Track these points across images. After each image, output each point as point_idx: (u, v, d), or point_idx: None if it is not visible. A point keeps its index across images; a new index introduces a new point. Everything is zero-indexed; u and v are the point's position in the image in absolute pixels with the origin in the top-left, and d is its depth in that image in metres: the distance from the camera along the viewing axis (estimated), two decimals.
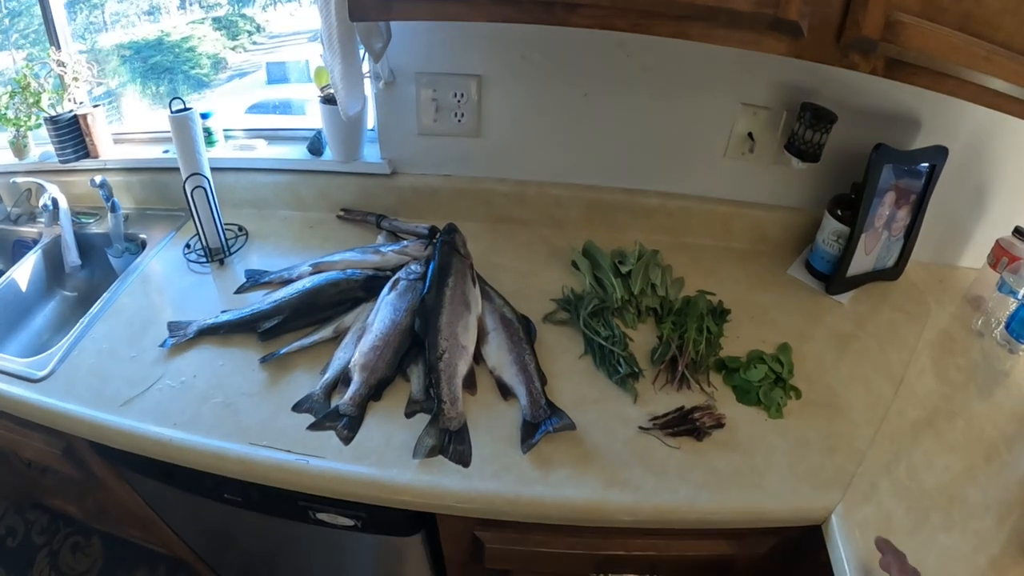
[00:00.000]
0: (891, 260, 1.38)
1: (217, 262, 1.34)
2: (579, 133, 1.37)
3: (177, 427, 0.99)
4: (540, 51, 1.25)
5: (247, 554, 1.47)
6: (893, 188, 1.27)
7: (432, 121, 1.36)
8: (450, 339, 1.08)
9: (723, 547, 1.01)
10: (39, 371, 1.09)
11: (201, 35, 2.22)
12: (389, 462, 0.95)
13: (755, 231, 1.45)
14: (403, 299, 1.16)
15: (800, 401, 1.08)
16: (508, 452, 0.97)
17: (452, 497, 0.92)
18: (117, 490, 1.30)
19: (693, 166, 1.40)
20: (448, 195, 1.46)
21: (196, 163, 1.26)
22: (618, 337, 1.13)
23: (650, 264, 1.30)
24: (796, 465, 0.97)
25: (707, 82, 1.27)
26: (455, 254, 1.20)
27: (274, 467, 0.95)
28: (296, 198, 1.50)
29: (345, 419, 0.99)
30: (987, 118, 1.21)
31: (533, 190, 1.44)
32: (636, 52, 1.24)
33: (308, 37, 2.28)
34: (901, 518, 0.90)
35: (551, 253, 1.41)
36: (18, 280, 1.41)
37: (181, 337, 1.14)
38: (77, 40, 1.53)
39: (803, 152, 1.26)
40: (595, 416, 1.03)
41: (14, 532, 1.93)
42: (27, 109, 1.45)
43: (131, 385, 1.06)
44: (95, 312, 1.21)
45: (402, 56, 1.28)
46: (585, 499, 0.91)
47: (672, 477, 0.94)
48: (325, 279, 1.22)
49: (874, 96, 1.24)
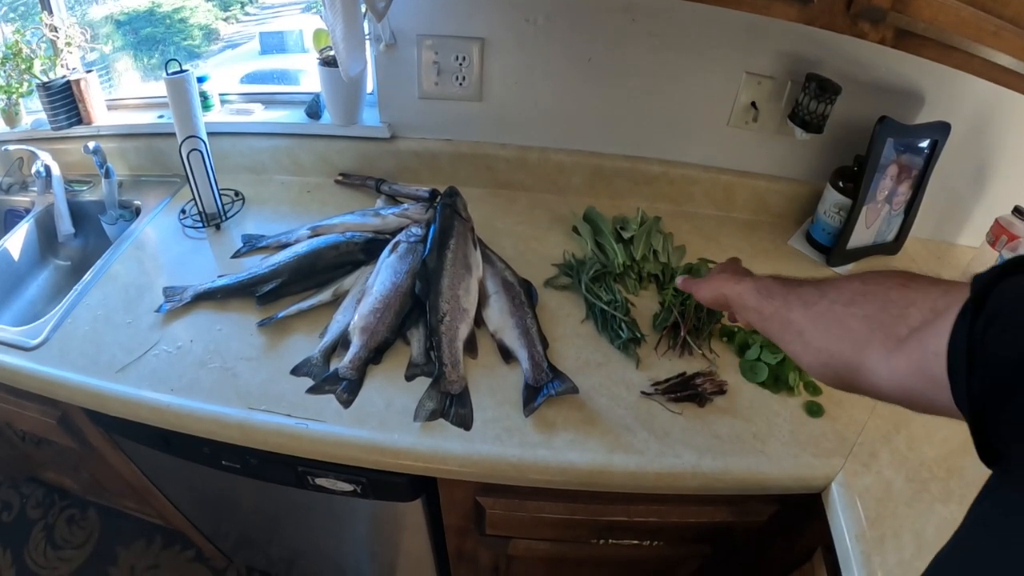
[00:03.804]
0: (891, 234, 1.38)
1: (213, 227, 1.32)
2: (582, 99, 1.35)
3: (174, 392, 0.98)
4: (544, 14, 1.23)
5: (244, 524, 1.47)
6: (895, 162, 1.26)
7: (433, 85, 1.34)
8: (451, 302, 1.07)
9: (723, 514, 1.01)
10: (33, 339, 1.07)
11: (193, 5, 2.18)
12: (390, 426, 0.94)
13: (757, 201, 1.44)
14: (404, 261, 1.14)
15: (801, 370, 1.07)
16: (510, 415, 0.96)
17: (454, 461, 0.91)
18: (113, 460, 1.29)
19: (696, 134, 1.39)
20: (449, 160, 1.45)
21: (192, 126, 1.24)
22: (620, 302, 1.13)
23: (652, 231, 1.30)
24: (797, 433, 0.97)
25: (712, 50, 1.26)
26: (456, 217, 1.18)
27: (273, 432, 0.94)
28: (294, 163, 1.48)
29: (345, 383, 0.99)
30: (990, 96, 1.20)
31: (535, 155, 1.43)
32: (642, 18, 1.22)
33: (301, 8, 2.25)
34: (901, 488, 0.90)
35: (553, 219, 1.40)
36: (10, 250, 1.39)
37: (177, 302, 1.12)
38: (69, 13, 1.50)
39: (807, 123, 1.25)
40: (597, 380, 1.02)
41: (9, 506, 1.92)
42: (19, 75, 1.43)
43: (127, 351, 1.05)
44: (89, 279, 1.19)
45: (404, 17, 1.26)
46: (589, 463, 0.91)
47: (675, 442, 0.94)
48: (324, 242, 1.20)
49: (878, 70, 1.23)
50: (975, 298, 0.43)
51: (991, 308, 0.42)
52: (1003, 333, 0.40)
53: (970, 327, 0.42)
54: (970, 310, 0.43)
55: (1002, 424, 0.40)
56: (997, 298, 0.42)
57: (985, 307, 0.42)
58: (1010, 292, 0.41)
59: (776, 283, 0.74)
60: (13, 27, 1.46)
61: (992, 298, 0.42)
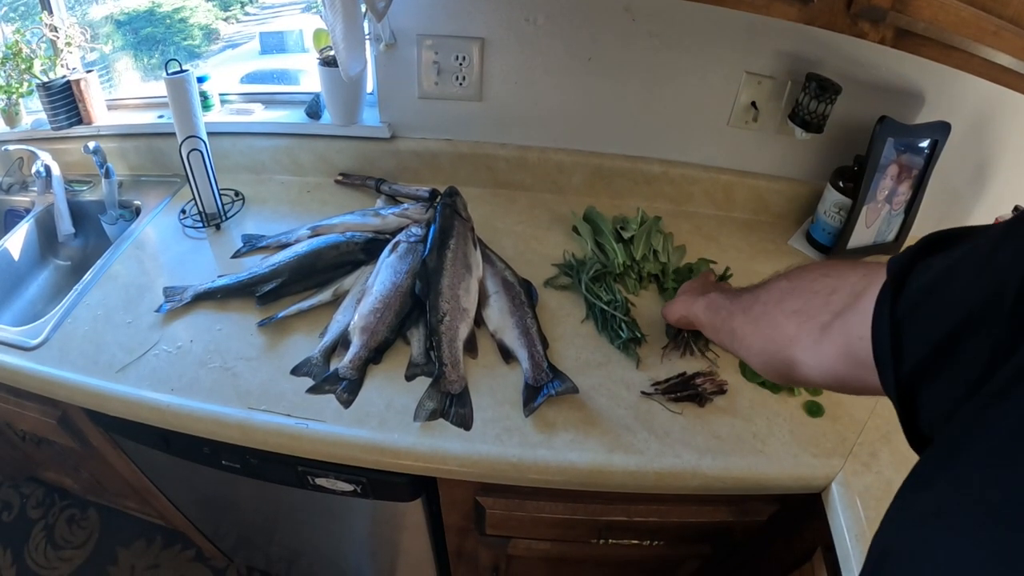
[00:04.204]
0: (891, 234, 1.38)
1: (213, 227, 1.32)
2: (582, 98, 1.35)
3: (174, 392, 0.98)
4: (544, 14, 1.23)
5: (244, 524, 1.47)
6: (896, 162, 1.26)
7: (433, 84, 1.34)
8: (451, 301, 1.07)
9: (724, 514, 1.01)
10: (33, 339, 1.07)
11: (193, 6, 2.18)
12: (390, 426, 0.94)
13: (757, 201, 1.44)
14: (404, 261, 1.14)
15: None
16: (510, 415, 0.96)
17: (454, 460, 0.91)
18: (113, 460, 1.29)
19: (696, 134, 1.39)
20: (449, 159, 1.45)
21: (192, 126, 1.23)
22: (620, 302, 1.13)
23: (652, 230, 1.29)
24: (797, 432, 0.97)
25: (712, 50, 1.26)
26: (456, 217, 1.18)
27: (273, 431, 0.94)
28: (294, 162, 1.48)
29: (345, 382, 0.98)
30: (990, 95, 1.20)
31: (535, 155, 1.43)
32: (642, 17, 1.22)
33: (301, 8, 2.25)
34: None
35: (553, 218, 1.40)
36: (10, 250, 1.39)
37: (177, 302, 1.12)
38: (69, 13, 1.50)
39: (807, 123, 1.25)
40: (597, 380, 1.02)
41: (9, 506, 1.92)
42: (19, 75, 1.43)
43: (127, 351, 1.04)
44: (89, 279, 1.19)
45: (404, 17, 1.26)
46: (588, 463, 0.91)
47: (675, 442, 0.94)
48: (324, 242, 1.20)
49: (878, 69, 1.23)
50: (893, 281, 0.43)
51: (910, 292, 0.42)
52: (925, 318, 0.40)
53: (891, 312, 0.42)
54: (889, 294, 0.43)
55: (926, 409, 0.40)
56: (915, 280, 0.42)
57: (903, 290, 0.42)
58: (927, 275, 0.41)
59: (722, 296, 0.76)
60: (13, 27, 1.46)
61: (910, 280, 0.42)
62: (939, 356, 0.38)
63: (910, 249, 0.44)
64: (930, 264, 0.42)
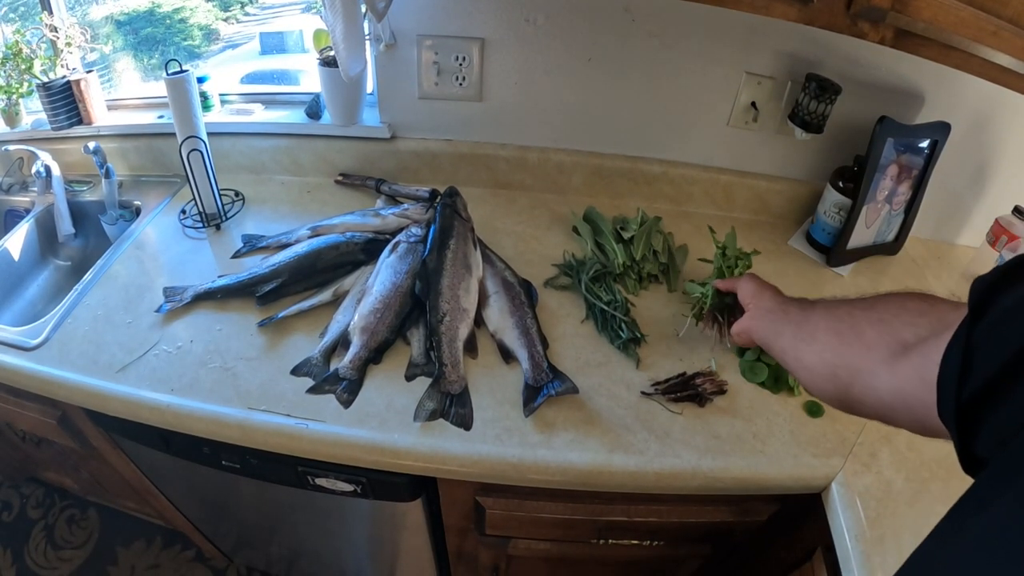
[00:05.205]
0: (891, 234, 1.38)
1: (213, 227, 1.32)
2: (582, 99, 1.35)
3: (174, 392, 0.98)
4: (544, 14, 1.23)
5: (244, 523, 1.47)
6: (895, 162, 1.26)
7: (433, 85, 1.34)
8: (451, 302, 1.07)
9: (723, 514, 1.01)
10: (33, 339, 1.07)
11: (193, 6, 2.18)
12: (390, 426, 0.94)
13: (757, 201, 1.44)
14: (404, 261, 1.14)
15: None
16: (510, 415, 0.96)
17: (454, 461, 0.91)
18: (113, 460, 1.29)
19: (696, 134, 1.39)
20: (449, 160, 1.45)
21: (192, 126, 1.23)
22: (620, 302, 1.13)
23: (652, 231, 1.29)
24: (797, 433, 0.97)
25: (712, 50, 1.26)
26: (456, 217, 1.18)
27: (273, 431, 0.94)
28: (294, 163, 1.48)
29: (345, 382, 0.99)
30: (989, 96, 1.20)
31: (535, 156, 1.43)
32: (642, 18, 1.22)
33: (301, 8, 2.25)
34: (901, 488, 0.90)
35: (552, 219, 1.40)
36: (10, 250, 1.38)
37: (177, 302, 1.12)
38: (69, 14, 1.50)
39: (807, 123, 1.25)
40: (597, 380, 1.02)
41: (9, 506, 1.92)
42: (19, 76, 1.43)
43: (127, 351, 1.05)
44: (89, 279, 1.19)
45: (404, 18, 1.26)
46: (588, 463, 0.91)
47: (675, 442, 0.94)
48: (324, 242, 1.20)
49: (878, 70, 1.23)
50: (975, 304, 0.42)
51: (988, 318, 0.41)
52: (998, 340, 0.39)
53: (967, 335, 0.42)
54: (968, 319, 0.42)
55: (988, 430, 0.39)
56: (994, 305, 0.41)
57: (986, 314, 0.41)
58: (1007, 300, 0.40)
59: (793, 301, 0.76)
60: (13, 27, 1.46)
61: (993, 304, 0.41)
62: (1007, 376, 0.38)
63: (996, 270, 0.43)
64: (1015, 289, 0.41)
